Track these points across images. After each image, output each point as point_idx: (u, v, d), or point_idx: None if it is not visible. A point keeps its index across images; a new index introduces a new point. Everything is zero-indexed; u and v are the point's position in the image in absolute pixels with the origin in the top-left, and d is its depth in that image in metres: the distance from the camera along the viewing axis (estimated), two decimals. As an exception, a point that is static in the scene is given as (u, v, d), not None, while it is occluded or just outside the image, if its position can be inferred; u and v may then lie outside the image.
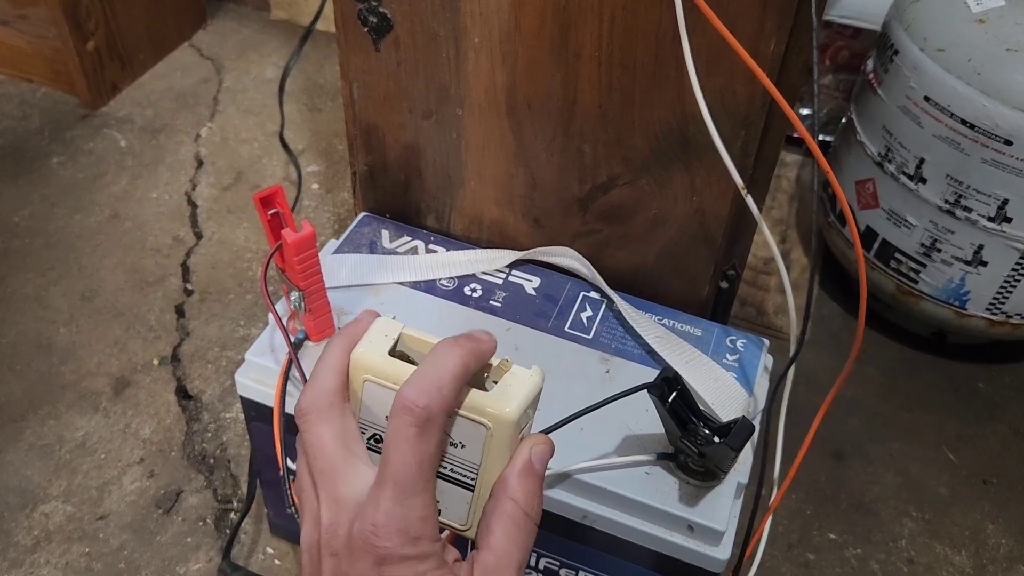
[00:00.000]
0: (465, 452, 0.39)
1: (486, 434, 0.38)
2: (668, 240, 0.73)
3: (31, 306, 1.08)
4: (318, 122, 1.39)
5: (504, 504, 0.39)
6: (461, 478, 0.40)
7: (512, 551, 0.38)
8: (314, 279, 0.64)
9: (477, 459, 0.39)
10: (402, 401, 0.36)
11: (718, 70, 0.61)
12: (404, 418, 0.36)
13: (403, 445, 0.36)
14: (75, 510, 0.88)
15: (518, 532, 0.39)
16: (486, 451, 0.39)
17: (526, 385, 0.39)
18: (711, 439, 0.58)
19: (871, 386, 1.07)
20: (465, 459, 0.39)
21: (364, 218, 0.81)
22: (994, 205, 0.92)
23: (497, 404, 0.38)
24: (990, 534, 0.94)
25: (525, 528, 0.39)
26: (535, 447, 0.40)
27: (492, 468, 0.39)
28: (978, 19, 0.91)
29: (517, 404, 0.38)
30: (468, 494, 0.40)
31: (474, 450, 0.39)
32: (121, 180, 1.26)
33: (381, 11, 0.67)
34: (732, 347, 0.71)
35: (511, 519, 0.38)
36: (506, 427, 0.38)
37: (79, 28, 1.30)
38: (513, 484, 0.39)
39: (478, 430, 0.38)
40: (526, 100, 0.68)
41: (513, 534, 0.38)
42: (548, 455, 0.41)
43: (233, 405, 0.98)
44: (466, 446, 0.39)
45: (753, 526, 0.65)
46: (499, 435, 0.38)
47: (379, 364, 0.39)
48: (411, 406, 0.36)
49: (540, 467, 0.40)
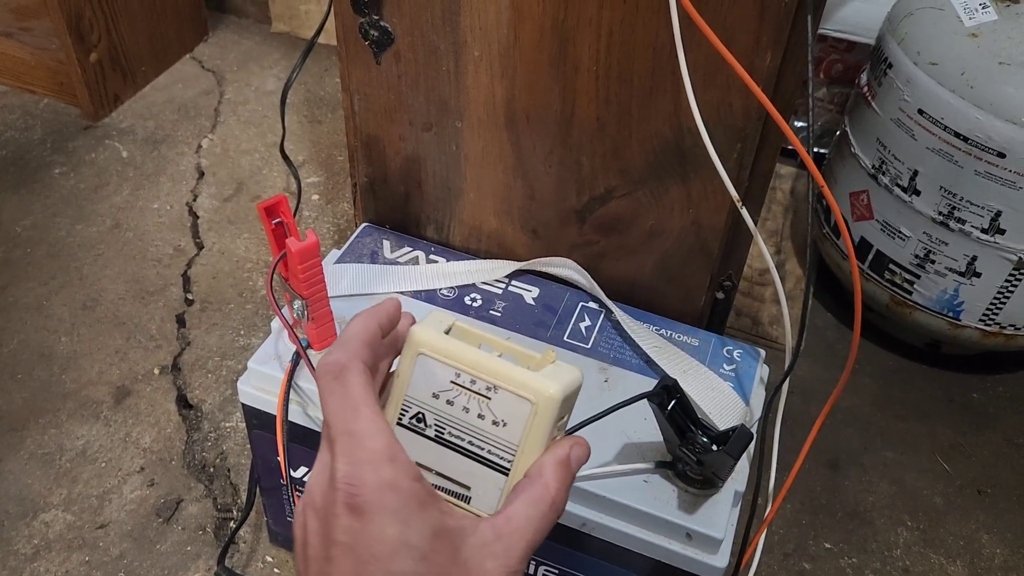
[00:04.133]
0: (505, 432, 0.40)
1: (530, 411, 0.39)
2: (665, 251, 0.74)
3: (32, 315, 1.08)
4: (318, 133, 1.41)
5: (535, 486, 0.39)
6: (498, 461, 0.40)
7: (528, 529, 0.38)
8: (317, 288, 0.64)
9: (517, 439, 0.40)
10: (319, 367, 0.39)
11: (714, 83, 0.62)
12: (323, 378, 0.39)
13: (329, 399, 0.38)
14: (75, 519, 0.89)
15: (539, 515, 0.39)
16: (527, 431, 0.40)
17: (570, 375, 0.40)
18: (710, 447, 0.58)
19: (866, 396, 1.08)
20: (504, 439, 0.40)
21: (365, 228, 0.82)
22: (987, 217, 0.93)
23: (543, 382, 0.39)
24: (985, 544, 0.94)
25: (547, 516, 0.39)
26: (575, 447, 0.40)
27: (529, 452, 0.40)
28: (971, 33, 0.92)
29: (562, 386, 0.39)
30: (502, 479, 0.40)
31: (515, 430, 0.40)
32: (123, 190, 1.27)
33: (382, 25, 0.68)
34: (729, 357, 0.72)
35: (539, 500, 0.39)
36: (550, 405, 0.39)
37: (82, 40, 1.31)
38: (549, 471, 0.39)
39: (522, 407, 0.39)
40: (525, 113, 0.69)
41: (534, 515, 0.38)
42: (585, 458, 0.41)
43: (233, 414, 0.99)
44: (507, 424, 0.40)
45: (749, 535, 0.66)
46: (542, 414, 0.39)
47: (436, 341, 0.41)
48: (324, 366, 0.39)
49: (576, 466, 0.40)
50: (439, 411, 0.41)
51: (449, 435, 0.41)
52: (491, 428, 0.40)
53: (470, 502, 0.40)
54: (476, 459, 0.40)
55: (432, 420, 0.41)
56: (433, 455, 0.41)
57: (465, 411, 0.41)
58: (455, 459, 0.41)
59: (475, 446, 0.40)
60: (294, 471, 0.74)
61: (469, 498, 0.40)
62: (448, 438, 0.41)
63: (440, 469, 0.41)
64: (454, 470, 0.41)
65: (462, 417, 0.41)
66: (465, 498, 0.41)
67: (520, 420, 0.40)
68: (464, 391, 0.41)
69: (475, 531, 0.38)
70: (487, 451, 0.40)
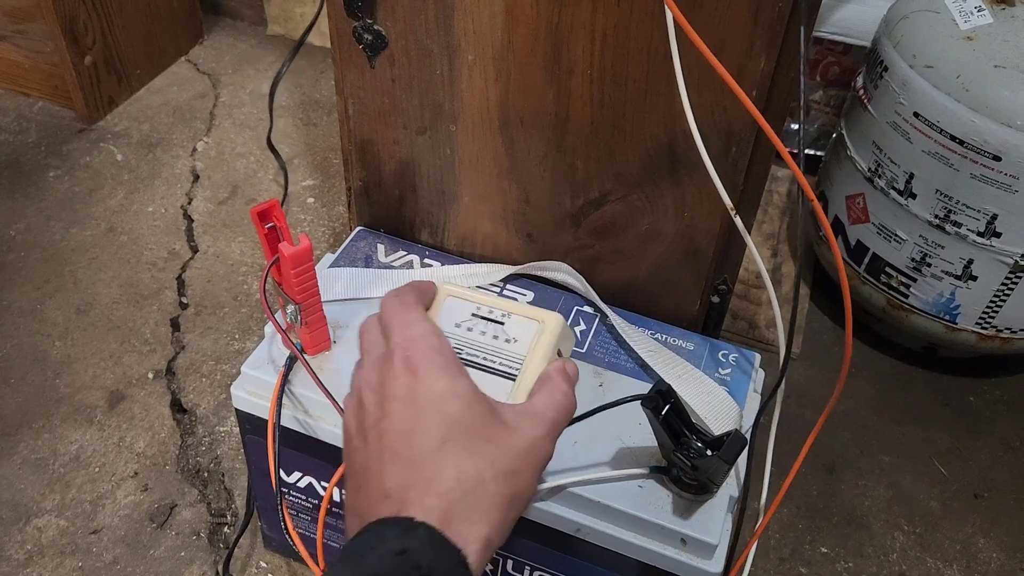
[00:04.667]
0: (515, 347, 0.52)
1: (537, 328, 0.52)
2: (660, 255, 0.73)
3: (26, 319, 1.08)
4: (314, 136, 1.40)
5: (548, 382, 0.48)
6: (507, 370, 0.51)
7: (549, 410, 0.47)
8: (310, 292, 0.64)
9: (524, 351, 0.51)
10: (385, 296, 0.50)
11: (709, 87, 0.62)
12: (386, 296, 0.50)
13: (388, 304, 0.48)
14: (68, 524, 0.88)
15: (556, 402, 0.47)
16: (534, 344, 0.52)
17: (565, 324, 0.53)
18: (704, 452, 0.58)
19: (862, 400, 1.08)
20: (514, 352, 0.52)
21: (360, 232, 0.82)
22: (983, 220, 0.93)
23: (548, 313, 0.53)
24: (981, 548, 0.94)
25: (563, 403, 0.48)
26: (567, 362, 0.51)
27: (534, 362, 0.51)
28: (966, 36, 0.92)
29: (562, 318, 0.53)
30: (510, 384, 0.50)
31: (523, 344, 0.52)
32: (117, 194, 1.27)
33: (376, 29, 0.68)
34: (724, 361, 0.71)
35: (554, 390, 0.48)
36: (556, 324, 0.52)
37: (76, 43, 1.31)
38: (555, 374, 0.49)
39: (531, 326, 0.52)
40: (519, 116, 0.69)
41: (551, 401, 0.47)
42: (576, 373, 0.51)
43: (228, 419, 0.98)
44: (518, 341, 0.52)
45: (742, 540, 0.65)
46: (548, 331, 0.52)
47: (462, 288, 0.55)
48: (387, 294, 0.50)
49: (573, 375, 0.50)
50: (459, 336, 0.53)
51: (466, 354, 0.52)
52: (503, 345, 0.52)
53: None
54: (488, 370, 0.51)
55: (453, 343, 0.50)
56: None
57: (481, 334, 0.53)
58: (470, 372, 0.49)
59: (488, 360, 0.52)
60: (288, 476, 0.73)
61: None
62: (465, 356, 0.52)
63: None
64: None
65: (478, 339, 0.53)
66: None
67: (528, 336, 0.52)
68: (481, 320, 0.53)
69: (506, 406, 0.46)
70: (498, 363, 0.52)
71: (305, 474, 0.72)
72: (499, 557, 0.68)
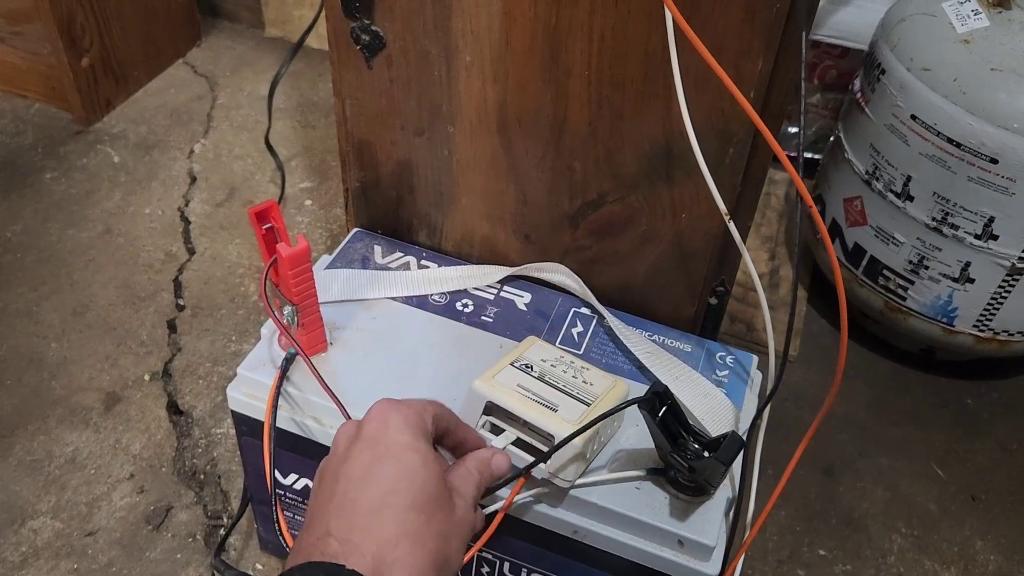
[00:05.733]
0: (590, 388, 0.62)
1: (611, 383, 0.63)
2: (657, 257, 0.73)
3: (22, 321, 1.08)
4: (312, 138, 1.40)
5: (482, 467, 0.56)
6: (583, 398, 0.61)
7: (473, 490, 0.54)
8: (308, 294, 0.64)
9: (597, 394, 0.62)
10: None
11: (707, 88, 0.62)
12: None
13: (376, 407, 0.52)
14: (64, 526, 0.88)
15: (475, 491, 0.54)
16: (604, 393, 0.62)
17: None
18: (701, 454, 0.58)
19: (860, 402, 1.08)
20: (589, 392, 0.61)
21: (357, 233, 0.82)
22: (980, 223, 0.93)
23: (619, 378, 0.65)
24: (979, 550, 0.94)
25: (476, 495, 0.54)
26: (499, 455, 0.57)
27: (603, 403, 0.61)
28: (963, 39, 0.92)
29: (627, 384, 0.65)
30: (584, 408, 0.60)
31: (598, 390, 0.62)
32: (114, 196, 1.27)
33: (374, 29, 0.68)
34: (722, 363, 0.71)
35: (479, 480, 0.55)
36: (622, 385, 0.64)
37: (73, 45, 1.31)
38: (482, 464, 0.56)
39: (606, 379, 0.63)
40: (517, 117, 0.68)
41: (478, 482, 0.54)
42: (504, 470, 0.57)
43: (224, 421, 0.98)
44: (593, 385, 0.62)
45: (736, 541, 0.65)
46: (618, 387, 0.63)
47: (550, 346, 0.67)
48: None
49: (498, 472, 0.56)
50: (544, 367, 0.62)
51: (549, 378, 0.61)
52: (581, 384, 0.61)
53: (558, 411, 0.58)
54: (566, 394, 0.60)
55: (537, 369, 0.62)
56: (534, 385, 0.60)
57: (564, 371, 0.62)
58: (550, 391, 0.60)
59: (567, 388, 0.61)
60: (284, 478, 0.73)
61: (557, 408, 0.59)
62: (548, 380, 0.61)
63: (536, 392, 0.59)
64: (547, 396, 0.59)
65: (560, 373, 0.62)
66: (554, 408, 0.58)
67: (602, 385, 0.62)
68: (564, 364, 0.63)
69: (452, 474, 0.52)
70: (575, 393, 0.60)
71: (301, 476, 0.72)
72: (496, 559, 0.68)
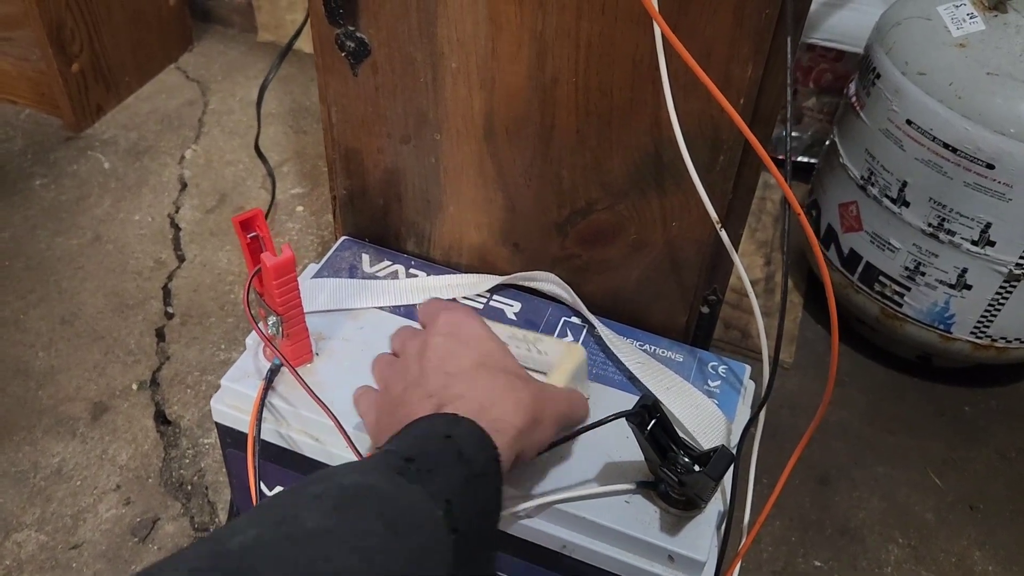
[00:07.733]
0: (545, 358, 0.63)
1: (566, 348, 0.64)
2: (648, 265, 0.72)
3: (9, 330, 1.07)
4: (303, 144, 1.39)
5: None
6: (539, 370, 0.62)
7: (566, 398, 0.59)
8: (292, 304, 0.63)
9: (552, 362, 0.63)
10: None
11: (696, 95, 0.61)
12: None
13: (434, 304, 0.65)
14: (48, 539, 0.87)
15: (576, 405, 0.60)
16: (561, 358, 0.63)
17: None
18: (691, 467, 0.57)
19: (856, 410, 1.07)
20: (544, 361, 0.63)
21: (344, 242, 0.80)
22: (977, 228, 0.92)
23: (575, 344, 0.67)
24: (977, 560, 0.93)
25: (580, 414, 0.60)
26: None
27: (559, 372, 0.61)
28: (959, 43, 0.91)
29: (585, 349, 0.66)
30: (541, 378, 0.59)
31: (552, 358, 0.63)
32: (104, 202, 1.26)
33: (359, 36, 0.67)
34: (714, 373, 0.70)
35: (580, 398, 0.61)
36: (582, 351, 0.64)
37: (63, 50, 1.30)
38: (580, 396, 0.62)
39: (560, 345, 0.64)
40: (504, 125, 0.67)
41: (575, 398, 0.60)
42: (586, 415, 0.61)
43: (212, 431, 0.97)
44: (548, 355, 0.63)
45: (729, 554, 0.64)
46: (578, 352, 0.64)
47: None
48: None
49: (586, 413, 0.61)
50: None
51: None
52: (536, 356, 0.62)
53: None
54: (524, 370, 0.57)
55: None
56: None
57: (517, 348, 0.62)
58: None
59: (524, 363, 0.58)
60: (269, 490, 0.72)
61: None
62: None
63: None
64: None
65: (514, 351, 0.60)
66: None
67: (556, 351, 0.63)
68: (516, 340, 0.63)
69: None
70: (531, 366, 0.61)
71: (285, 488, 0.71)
72: (484, 574, 0.67)
